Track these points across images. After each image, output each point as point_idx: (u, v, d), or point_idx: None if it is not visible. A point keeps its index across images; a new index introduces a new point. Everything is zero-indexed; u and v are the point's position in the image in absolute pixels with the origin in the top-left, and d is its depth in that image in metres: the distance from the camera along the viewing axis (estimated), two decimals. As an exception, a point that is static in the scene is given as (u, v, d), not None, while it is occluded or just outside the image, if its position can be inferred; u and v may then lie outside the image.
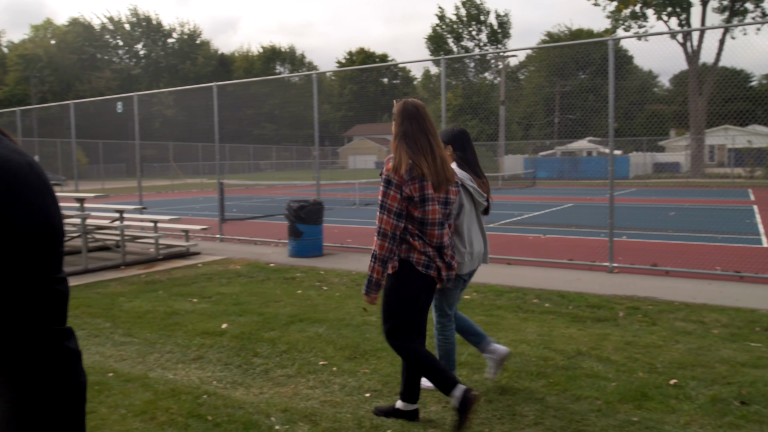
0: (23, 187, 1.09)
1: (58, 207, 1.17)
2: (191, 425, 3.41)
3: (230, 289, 6.84)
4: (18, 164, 1.11)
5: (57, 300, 1.19)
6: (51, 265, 1.16)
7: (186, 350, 4.73)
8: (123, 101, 14.69)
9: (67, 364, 1.20)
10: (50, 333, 1.18)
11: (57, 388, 1.16)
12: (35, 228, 1.10)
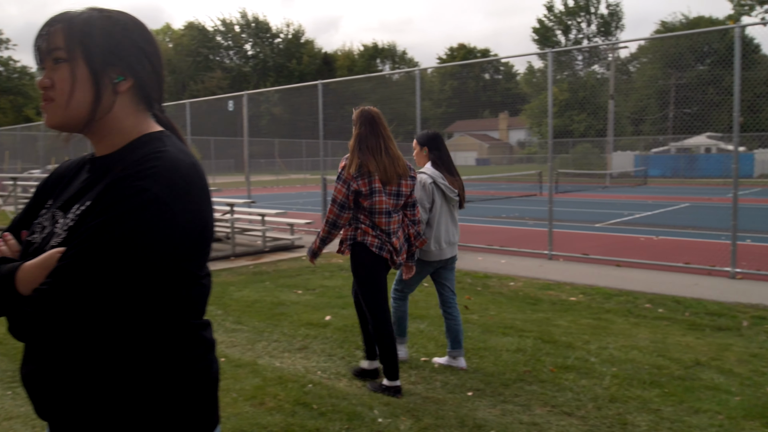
0: (188, 187, 1.12)
1: (211, 207, 1.22)
2: (297, 412, 3.53)
3: (333, 282, 7.00)
4: (185, 164, 1.15)
5: (200, 295, 1.25)
6: (200, 263, 1.21)
7: (292, 340, 4.89)
8: (234, 100, 15.39)
9: (203, 353, 1.26)
10: (191, 326, 1.23)
11: (192, 376, 1.22)
12: (194, 228, 1.14)
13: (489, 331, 5.02)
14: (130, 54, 1.19)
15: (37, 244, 1.20)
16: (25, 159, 23.32)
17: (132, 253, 1.05)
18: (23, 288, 1.09)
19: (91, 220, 1.08)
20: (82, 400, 1.15)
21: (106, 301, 1.06)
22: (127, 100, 1.20)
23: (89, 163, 1.28)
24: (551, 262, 8.24)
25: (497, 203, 18.71)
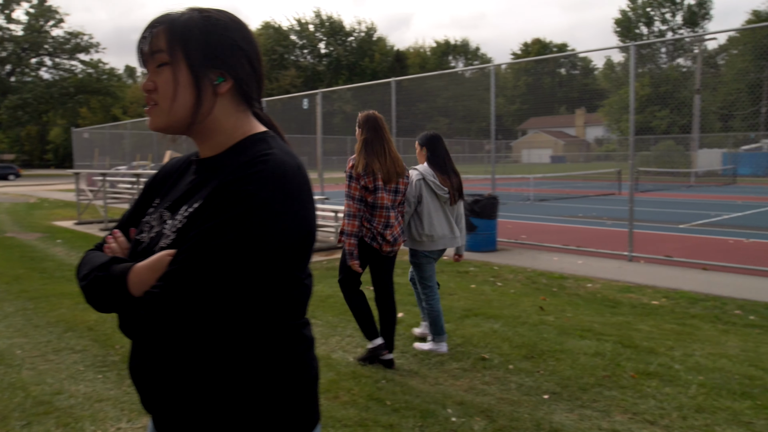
0: (294, 191, 1.13)
1: (315, 210, 1.22)
2: (371, 407, 3.55)
3: (405, 280, 6.99)
4: (291, 167, 1.14)
5: (303, 295, 1.26)
6: (302, 265, 1.22)
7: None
8: (308, 98, 15.67)
9: (304, 351, 1.27)
10: (293, 325, 1.25)
11: (294, 374, 1.23)
12: (300, 230, 1.15)
13: (565, 334, 4.89)
14: (229, 54, 1.18)
15: (146, 244, 1.23)
16: (113, 156, 24.60)
17: (241, 258, 1.06)
18: (135, 289, 1.12)
19: (200, 224, 1.10)
20: (186, 396, 1.17)
21: (215, 305, 1.07)
22: (228, 101, 1.20)
23: (195, 164, 1.28)
24: (631, 263, 7.94)
25: (573, 202, 18.20)
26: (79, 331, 5.09)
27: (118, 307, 1.14)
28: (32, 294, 6.47)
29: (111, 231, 1.33)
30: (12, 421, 3.38)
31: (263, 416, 1.18)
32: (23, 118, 56.84)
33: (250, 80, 1.22)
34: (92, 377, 4.06)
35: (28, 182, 40.30)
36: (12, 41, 59.68)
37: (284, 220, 1.10)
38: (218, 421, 1.16)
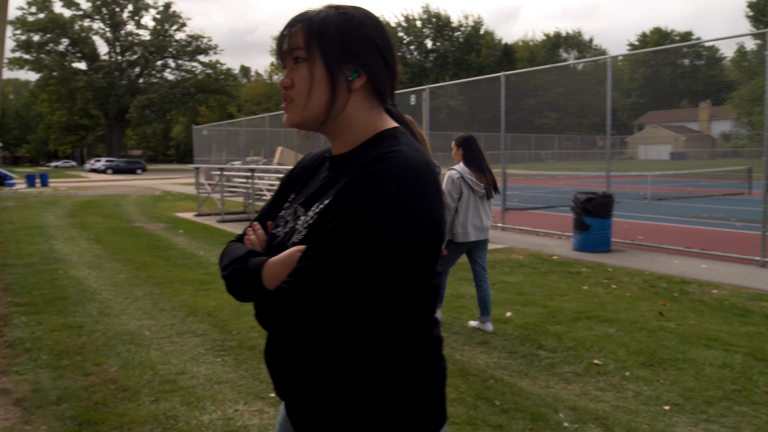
0: (421, 188, 1.10)
1: (443, 207, 1.20)
2: (479, 407, 3.50)
3: (513, 279, 6.86)
4: (418, 164, 1.12)
5: (431, 294, 1.24)
6: (430, 263, 1.20)
7: (472, 333, 4.87)
8: (415, 94, 15.71)
9: (431, 350, 1.25)
10: (421, 324, 1.23)
11: (422, 372, 1.22)
12: (427, 228, 1.12)
13: (688, 342, 4.57)
14: (363, 50, 1.18)
15: (280, 238, 1.26)
16: (229, 151, 25.91)
17: (368, 256, 1.06)
18: (268, 283, 1.16)
19: (328, 221, 1.11)
20: (317, 388, 1.19)
21: (341, 302, 1.09)
22: (361, 97, 1.20)
23: (328, 160, 1.30)
24: (764, 269, 7.29)
25: (695, 202, 17.02)
26: (200, 316, 5.40)
27: (254, 298, 1.19)
28: (158, 280, 6.95)
29: (251, 223, 1.38)
30: (142, 396, 3.65)
31: (390, 413, 1.18)
32: (150, 117, 61.40)
33: (383, 76, 1.21)
34: (212, 360, 4.30)
35: (153, 176, 43.44)
36: (140, 45, 64.62)
37: (410, 219, 1.08)
38: (346, 415, 1.18)
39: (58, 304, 5.82)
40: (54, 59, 59.27)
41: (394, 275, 1.12)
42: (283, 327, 1.14)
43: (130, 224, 12.78)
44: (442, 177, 4.70)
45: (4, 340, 4.71)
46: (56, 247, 9.57)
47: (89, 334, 4.89)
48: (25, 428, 3.24)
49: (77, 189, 26.43)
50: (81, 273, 7.40)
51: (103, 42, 64.77)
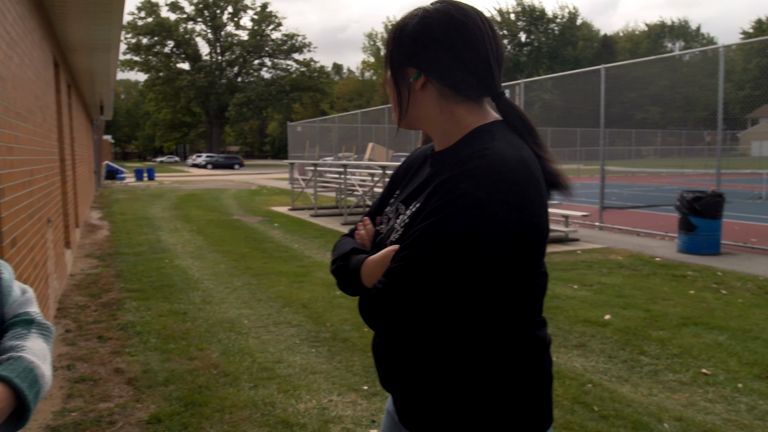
0: (513, 187, 1.06)
1: (544, 205, 1.13)
2: (576, 411, 3.38)
3: (612, 280, 6.57)
4: (511, 161, 1.09)
5: (534, 294, 1.20)
6: (531, 262, 1.16)
7: (568, 335, 4.71)
8: (509, 88, 15.40)
9: (536, 351, 1.21)
10: (523, 325, 1.20)
11: (524, 374, 1.19)
12: (520, 229, 1.08)
13: (811, 354, 4.20)
14: (424, 51, 1.18)
15: (382, 236, 1.28)
16: (322, 147, 26.52)
17: (456, 258, 1.05)
18: (366, 281, 1.19)
19: (418, 222, 1.11)
20: (419, 384, 1.20)
21: (435, 302, 1.08)
22: (434, 96, 1.19)
23: (430, 157, 1.29)
24: None
25: (815, 202, 15.63)
26: (295, 307, 5.55)
27: (357, 294, 1.22)
28: (255, 271, 7.22)
29: (362, 218, 1.41)
30: (242, 382, 3.79)
31: (493, 413, 1.16)
32: (247, 114, 63.95)
33: (453, 72, 1.17)
34: (306, 350, 4.40)
35: (250, 171, 45.19)
36: (239, 45, 67.38)
37: (502, 219, 1.04)
38: (448, 412, 1.17)
39: (165, 291, 6.17)
40: (160, 60, 63.00)
41: (488, 276, 1.09)
42: (380, 324, 1.15)
43: (229, 217, 13.35)
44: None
45: (117, 323, 5.04)
46: (162, 237, 10.15)
47: (193, 320, 5.14)
48: (137, 406, 3.45)
49: (180, 183, 27.96)
50: (185, 262, 7.81)
51: (205, 43, 68.18)
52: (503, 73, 1.25)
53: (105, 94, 14.87)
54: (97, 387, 3.72)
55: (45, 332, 1.11)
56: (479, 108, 1.20)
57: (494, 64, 1.18)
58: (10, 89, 3.66)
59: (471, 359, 1.15)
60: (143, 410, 3.39)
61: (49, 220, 5.37)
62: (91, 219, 12.95)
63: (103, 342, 4.57)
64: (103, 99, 15.98)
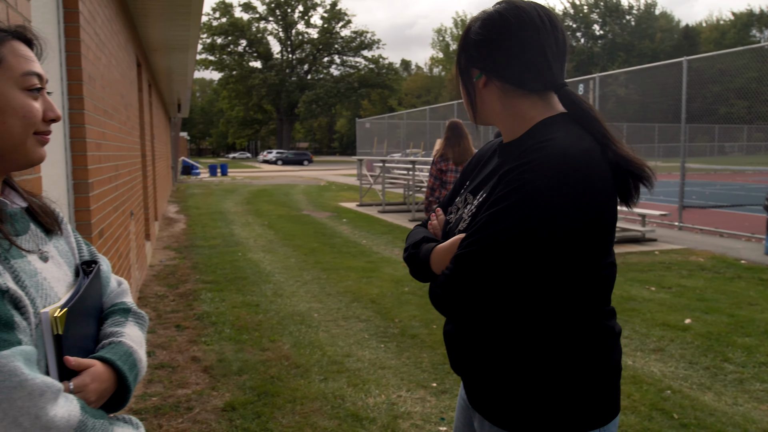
0: (574, 178, 1.08)
1: (609, 194, 1.14)
2: (654, 418, 3.25)
3: (692, 283, 6.27)
4: (573, 152, 1.11)
5: (601, 284, 1.20)
6: (597, 251, 1.17)
7: (645, 339, 4.53)
8: (583, 83, 14.96)
9: (604, 341, 1.22)
10: (591, 314, 1.21)
11: (591, 363, 1.20)
12: (583, 218, 1.10)
13: None
14: (483, 51, 1.23)
15: (451, 225, 1.34)
16: (390, 144, 26.59)
17: (518, 246, 1.08)
18: (435, 268, 1.25)
19: (483, 211, 1.16)
20: (486, 370, 1.24)
21: (499, 289, 1.11)
22: (497, 93, 1.23)
23: (498, 148, 1.35)
24: None
25: None
26: (364, 302, 5.59)
27: (428, 281, 1.29)
28: (325, 266, 7.32)
29: (435, 208, 1.47)
30: (312, 374, 3.85)
31: (559, 400, 1.18)
32: (316, 111, 64.90)
33: (511, 70, 1.21)
34: (375, 345, 4.43)
35: (318, 167, 45.93)
36: (309, 43, 68.46)
37: (563, 208, 1.07)
38: (515, 397, 1.20)
39: (238, 284, 6.35)
40: (234, 59, 64.84)
41: (551, 264, 1.12)
42: (448, 309, 1.20)
43: (299, 212, 13.61)
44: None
45: (193, 313, 5.23)
46: (235, 231, 10.46)
47: (265, 312, 5.27)
48: (213, 393, 3.57)
49: (251, 178, 28.74)
50: (257, 256, 8.02)
51: (276, 42, 69.68)
52: (567, 65, 1.27)
53: (182, 93, 15.46)
54: (175, 374, 3.87)
55: (140, 321, 1.18)
56: (543, 101, 1.23)
57: (553, 58, 1.21)
58: (99, 88, 3.85)
59: (538, 346, 1.18)
60: (218, 398, 3.50)
61: (131, 213, 5.63)
62: (169, 212, 13.50)
63: (181, 331, 4.75)
64: (181, 97, 16.62)
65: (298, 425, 3.16)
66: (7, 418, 0.77)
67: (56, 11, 3.09)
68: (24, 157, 0.99)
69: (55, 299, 0.97)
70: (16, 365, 0.79)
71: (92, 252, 1.19)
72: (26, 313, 0.87)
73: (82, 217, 3.29)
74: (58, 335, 0.93)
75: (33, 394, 0.79)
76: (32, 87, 0.98)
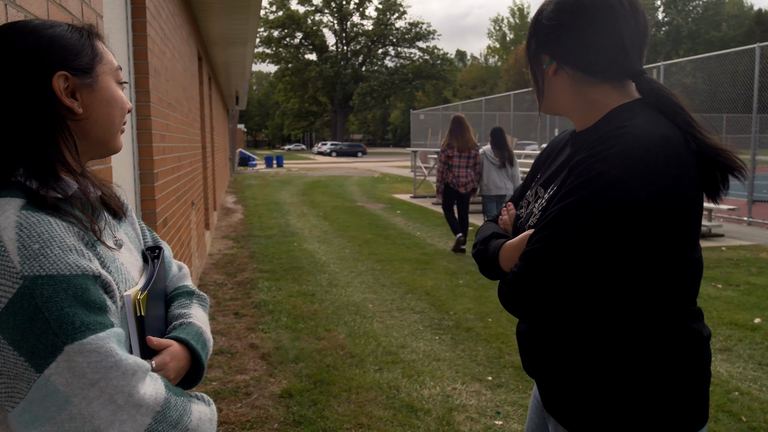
0: (653, 166, 1.01)
1: (694, 185, 1.06)
2: (721, 420, 3.13)
3: (762, 280, 5.99)
4: (651, 139, 1.03)
5: (685, 283, 1.12)
6: (680, 247, 1.08)
7: (711, 338, 4.35)
8: (647, 72, 14.46)
9: (690, 344, 1.14)
10: (674, 316, 1.12)
11: (677, 368, 1.12)
12: (663, 209, 1.02)
13: None
14: (553, 37, 1.18)
15: (522, 220, 1.29)
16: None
17: (592, 240, 1.01)
18: (504, 266, 1.21)
19: (554, 204, 1.09)
20: (561, 373, 1.19)
21: (572, 286, 1.05)
22: (569, 80, 1.18)
23: (570, 138, 1.29)
24: None
25: None
26: (418, 294, 5.59)
27: (496, 278, 1.24)
28: (379, 257, 7.35)
29: (505, 203, 1.43)
30: (368, 364, 3.88)
31: (640, 407, 1.11)
32: (370, 103, 65.05)
33: (584, 57, 1.15)
34: (430, 337, 4.42)
35: (372, 159, 46.09)
36: (364, 35, 68.61)
37: (643, 200, 0.99)
38: (591, 405, 1.14)
39: (294, 273, 6.45)
40: (290, 52, 65.67)
41: (630, 261, 1.04)
42: (517, 308, 1.14)
43: (353, 203, 13.71)
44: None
45: (251, 301, 5.35)
46: (291, 221, 10.63)
47: (320, 302, 5.34)
48: (270, 380, 3.64)
49: (306, 170, 29.11)
50: (312, 246, 8.12)
51: (331, 34, 70.06)
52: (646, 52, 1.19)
53: (240, 85, 15.77)
54: (234, 360, 3.97)
55: (203, 303, 1.23)
56: (618, 89, 1.16)
57: (631, 44, 1.13)
58: (163, 81, 3.97)
59: (617, 350, 1.11)
60: (276, 384, 3.57)
61: (192, 203, 5.79)
62: (227, 203, 13.83)
63: (239, 318, 4.86)
64: (239, 90, 16.95)
65: (353, 414, 3.20)
66: (103, 396, 0.81)
67: (125, 7, 3.20)
68: (115, 146, 1.05)
69: (132, 283, 1.01)
70: (111, 346, 0.83)
71: (155, 238, 1.24)
72: (114, 297, 0.92)
73: (147, 206, 3.40)
74: (141, 317, 0.98)
75: (126, 373, 0.83)
76: (121, 81, 1.05)
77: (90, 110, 0.97)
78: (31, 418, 0.80)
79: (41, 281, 0.80)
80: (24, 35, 0.92)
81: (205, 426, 0.96)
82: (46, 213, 0.87)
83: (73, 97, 0.95)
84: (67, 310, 0.81)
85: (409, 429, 3.05)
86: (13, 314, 0.79)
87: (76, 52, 0.95)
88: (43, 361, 0.79)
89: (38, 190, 0.89)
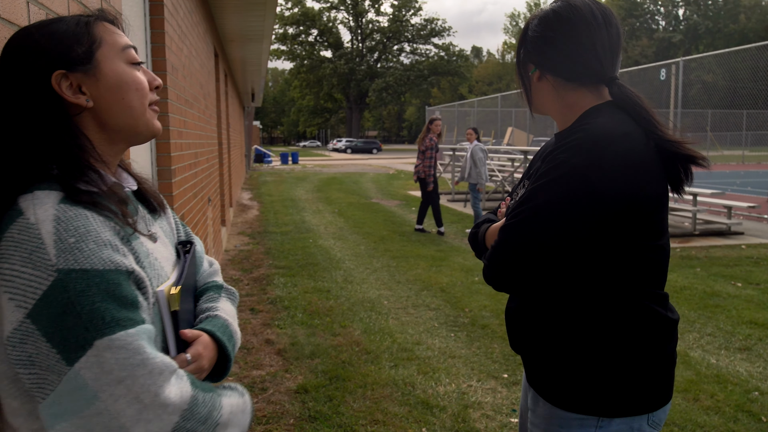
0: (611, 158, 1.13)
1: (651, 177, 1.17)
2: (740, 420, 3.09)
3: None
4: (611, 134, 1.16)
5: (648, 267, 1.22)
6: (640, 232, 1.19)
7: (730, 337, 4.31)
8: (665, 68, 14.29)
9: (653, 326, 1.24)
10: (638, 297, 1.22)
11: (641, 348, 1.22)
12: (619, 198, 1.13)
13: None
14: (537, 47, 1.31)
15: (510, 208, 1.40)
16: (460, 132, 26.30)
17: (555, 219, 1.14)
18: (488, 244, 1.37)
19: (527, 188, 1.24)
20: (538, 347, 1.30)
21: (542, 259, 1.16)
22: (550, 86, 1.31)
23: (555, 137, 1.38)
24: None
25: None
26: (433, 291, 5.58)
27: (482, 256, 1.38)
28: (394, 254, 7.35)
29: (505, 197, 1.58)
30: (383, 361, 3.88)
31: (607, 383, 1.22)
32: (386, 99, 65.03)
33: (563, 65, 1.28)
34: (445, 334, 4.41)
35: (387, 155, 46.07)
36: (379, 32, 68.53)
37: (597, 186, 1.12)
38: (563, 378, 1.26)
39: (310, 269, 6.47)
40: (305, 49, 65.80)
41: (590, 241, 1.16)
42: (494, 279, 1.25)
43: (368, 200, 13.72)
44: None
45: (267, 297, 5.37)
46: (306, 218, 10.66)
47: (335, 298, 5.35)
48: (286, 375, 3.66)
49: (321, 167, 29.16)
50: (327, 243, 8.14)
51: (347, 30, 70.27)
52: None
53: (256, 82, 15.82)
54: (251, 355, 3.99)
55: (231, 296, 1.24)
56: (594, 93, 1.29)
57: (604, 53, 1.26)
58: (181, 78, 3.99)
59: (585, 326, 1.23)
60: (291, 380, 3.59)
61: (209, 200, 5.83)
62: (243, 199, 13.90)
63: (255, 314, 4.89)
64: (254, 87, 17.02)
65: (369, 410, 3.20)
66: (130, 394, 0.81)
67: (143, 4, 3.22)
68: (147, 130, 1.03)
69: (165, 278, 1.02)
70: (140, 343, 0.83)
71: (188, 232, 1.25)
72: (146, 292, 0.92)
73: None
74: (175, 311, 0.99)
75: (153, 372, 0.83)
76: (134, 61, 1.02)
77: (100, 99, 0.96)
78: (60, 410, 0.81)
79: (75, 275, 0.81)
80: (15, 46, 0.93)
81: (237, 418, 0.96)
82: (84, 207, 0.88)
83: (80, 90, 0.95)
84: (99, 304, 0.81)
85: (425, 426, 3.05)
86: (47, 306, 0.80)
87: (69, 45, 0.94)
88: (74, 355, 0.80)
89: (75, 183, 0.89)
